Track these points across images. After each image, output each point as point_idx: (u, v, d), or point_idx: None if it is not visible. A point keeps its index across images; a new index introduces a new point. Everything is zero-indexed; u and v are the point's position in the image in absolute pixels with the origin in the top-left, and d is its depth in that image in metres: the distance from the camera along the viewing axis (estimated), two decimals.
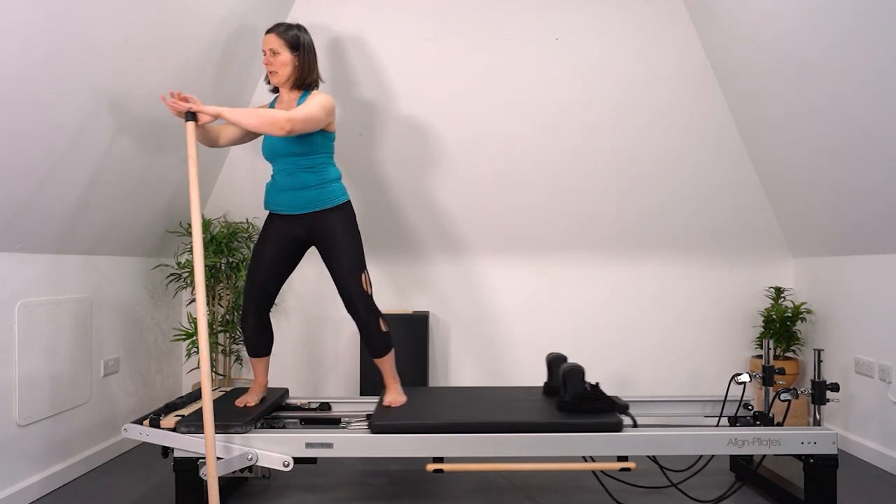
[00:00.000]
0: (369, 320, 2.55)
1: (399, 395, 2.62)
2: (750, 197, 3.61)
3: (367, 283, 2.56)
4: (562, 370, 2.49)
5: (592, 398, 2.43)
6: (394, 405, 2.55)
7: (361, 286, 2.54)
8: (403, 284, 3.76)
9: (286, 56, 2.52)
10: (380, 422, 2.31)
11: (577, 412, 2.41)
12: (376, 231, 3.68)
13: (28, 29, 1.94)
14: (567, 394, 2.45)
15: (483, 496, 2.59)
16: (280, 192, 2.55)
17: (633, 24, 3.42)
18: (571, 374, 2.45)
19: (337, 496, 2.60)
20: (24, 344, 2.47)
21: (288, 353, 3.77)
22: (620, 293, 3.75)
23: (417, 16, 3.38)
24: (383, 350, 2.61)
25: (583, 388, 2.44)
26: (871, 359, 3.01)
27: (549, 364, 2.77)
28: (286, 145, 2.51)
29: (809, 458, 2.29)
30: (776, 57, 2.90)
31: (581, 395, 2.43)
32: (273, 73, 2.54)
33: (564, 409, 2.44)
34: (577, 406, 2.42)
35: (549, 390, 2.74)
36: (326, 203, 2.53)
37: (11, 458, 2.41)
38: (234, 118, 2.32)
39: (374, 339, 2.58)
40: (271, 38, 2.52)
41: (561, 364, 2.71)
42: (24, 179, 2.26)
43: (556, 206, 3.63)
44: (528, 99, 3.46)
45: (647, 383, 3.73)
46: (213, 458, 2.13)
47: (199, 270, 2.22)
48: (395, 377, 2.66)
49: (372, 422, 2.31)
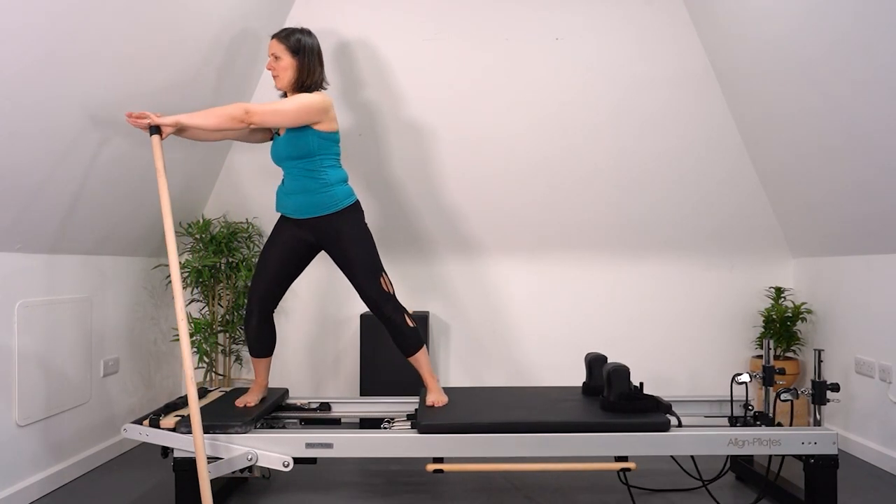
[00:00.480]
0: (396, 318, 2.55)
1: (441, 394, 2.60)
2: (750, 197, 3.61)
3: (387, 284, 2.56)
4: (606, 370, 2.47)
5: (638, 398, 2.42)
6: (437, 405, 2.54)
7: (382, 289, 2.54)
8: (403, 284, 3.76)
9: (287, 60, 2.53)
10: (427, 422, 2.29)
11: (622, 412, 2.40)
12: (380, 231, 3.68)
13: (28, 29, 1.94)
14: (612, 393, 2.44)
15: (483, 496, 2.59)
16: (286, 196, 2.55)
17: (633, 24, 3.42)
18: (616, 373, 2.44)
19: (337, 496, 2.60)
20: (24, 344, 2.47)
21: (288, 353, 3.77)
22: (620, 293, 3.75)
23: (417, 16, 3.38)
24: (415, 347, 2.60)
25: (628, 388, 2.44)
26: (872, 359, 3.00)
27: (590, 364, 2.75)
28: (286, 149, 2.51)
29: (810, 458, 2.29)
30: (776, 57, 2.90)
31: (626, 395, 2.43)
32: (276, 77, 2.55)
33: (609, 409, 2.43)
34: (622, 406, 2.42)
35: (588, 390, 2.73)
36: (330, 207, 2.51)
37: (11, 459, 2.41)
38: (193, 123, 2.31)
39: (405, 336, 2.57)
40: (273, 43, 2.54)
41: (602, 364, 2.70)
42: (24, 179, 2.26)
43: (555, 205, 3.63)
44: (528, 99, 3.46)
45: (648, 383, 3.73)
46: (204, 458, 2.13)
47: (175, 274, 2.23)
48: (433, 375, 2.64)
49: (419, 422, 2.30)
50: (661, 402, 2.44)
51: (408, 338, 2.57)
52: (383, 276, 2.55)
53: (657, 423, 2.29)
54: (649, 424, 2.29)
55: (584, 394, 2.73)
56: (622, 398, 2.42)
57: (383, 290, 2.54)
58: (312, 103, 2.45)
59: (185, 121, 2.31)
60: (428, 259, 3.75)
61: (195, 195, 3.51)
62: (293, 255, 2.58)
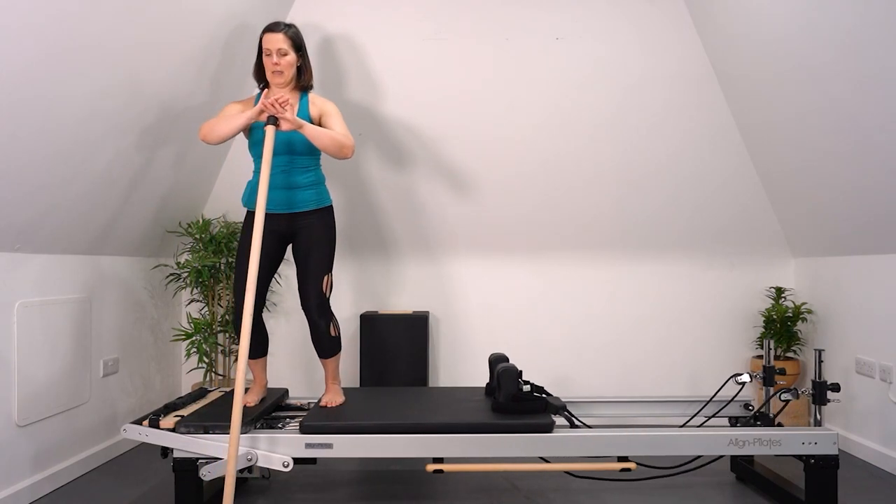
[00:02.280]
0: (320, 322, 2.58)
1: (337, 395, 2.64)
2: (750, 197, 3.61)
3: (327, 284, 2.59)
4: (497, 371, 2.49)
5: (525, 399, 2.43)
6: (330, 405, 2.57)
7: (321, 286, 2.57)
8: (403, 284, 3.75)
9: (293, 56, 2.54)
10: (311, 422, 2.31)
11: (510, 413, 2.41)
12: (377, 231, 3.68)
13: (27, 29, 1.94)
14: (501, 394, 2.45)
15: (483, 496, 2.59)
16: (272, 190, 2.54)
17: (633, 25, 3.42)
18: (506, 374, 2.45)
19: (337, 496, 2.60)
20: (24, 344, 2.46)
21: (288, 354, 3.76)
22: (621, 293, 3.74)
23: (417, 15, 3.38)
24: (330, 352, 2.65)
25: (517, 389, 2.44)
26: (872, 359, 3.00)
27: (491, 364, 2.77)
28: (287, 143, 2.51)
29: (810, 458, 2.29)
30: (777, 57, 2.90)
31: (514, 396, 2.43)
32: (279, 73, 2.53)
33: (498, 410, 2.44)
34: (510, 407, 2.43)
35: (490, 390, 2.75)
36: (314, 204, 2.57)
37: (11, 459, 2.41)
38: (309, 134, 2.41)
39: (323, 341, 2.62)
40: (280, 38, 2.50)
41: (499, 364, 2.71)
42: (23, 179, 2.25)
43: (556, 206, 3.63)
44: (528, 99, 3.46)
45: (648, 383, 3.73)
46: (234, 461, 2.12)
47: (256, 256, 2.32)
48: (336, 378, 2.69)
49: (304, 422, 2.32)
50: (551, 402, 2.43)
51: (324, 343, 2.62)
52: (328, 276, 2.60)
53: (540, 425, 2.29)
54: (532, 426, 2.29)
55: (486, 394, 2.75)
56: (510, 399, 2.43)
57: (321, 289, 2.58)
58: None
59: (306, 128, 2.41)
60: (428, 259, 3.75)
61: (195, 195, 3.50)
62: (272, 251, 2.60)
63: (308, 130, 2.40)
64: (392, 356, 3.42)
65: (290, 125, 2.36)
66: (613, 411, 2.81)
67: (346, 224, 3.67)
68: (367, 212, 3.64)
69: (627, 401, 2.80)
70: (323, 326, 2.59)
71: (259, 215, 2.29)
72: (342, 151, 2.47)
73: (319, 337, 2.60)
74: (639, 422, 3.51)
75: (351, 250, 3.73)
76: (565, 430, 2.31)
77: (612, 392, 3.72)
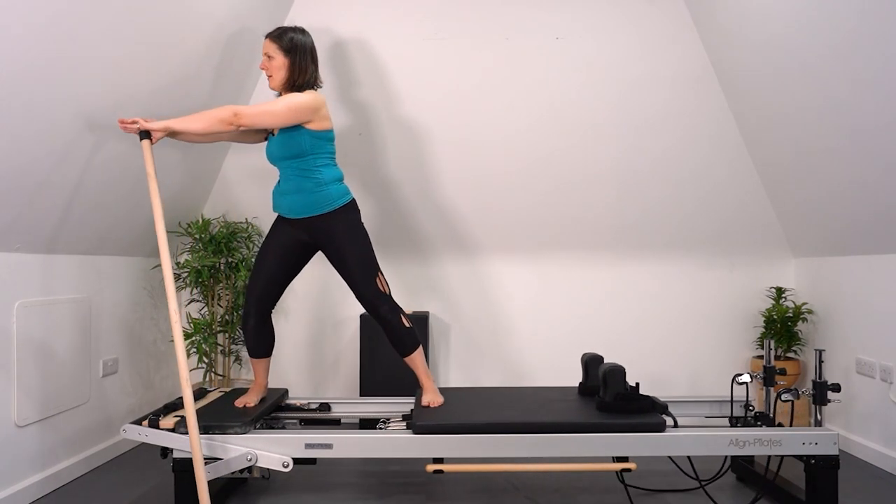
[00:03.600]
0: (392, 318, 2.54)
1: (437, 395, 2.60)
2: (751, 196, 3.60)
3: (383, 284, 2.55)
4: (602, 370, 2.46)
5: (633, 398, 2.42)
6: (433, 405, 2.53)
7: (378, 289, 2.53)
8: (404, 284, 3.75)
9: (280, 60, 2.52)
10: (422, 422, 2.29)
11: (618, 412, 2.40)
12: (377, 231, 3.67)
13: (27, 30, 1.94)
14: (608, 394, 2.43)
15: (483, 497, 2.59)
16: (281, 196, 2.55)
17: (633, 24, 3.41)
18: (612, 374, 2.43)
19: (337, 496, 2.59)
20: (23, 344, 2.46)
21: (288, 354, 3.76)
22: (621, 293, 3.74)
23: (417, 15, 3.37)
24: (412, 347, 2.59)
25: (624, 388, 2.43)
26: (873, 359, 3.00)
27: (586, 364, 2.74)
28: (279, 149, 2.51)
29: (811, 458, 2.28)
30: (777, 56, 2.89)
31: (622, 395, 2.42)
32: (270, 77, 2.55)
33: (605, 410, 2.42)
34: (618, 406, 2.41)
35: (584, 390, 2.73)
36: (324, 207, 2.50)
37: (10, 459, 2.41)
38: (182, 127, 2.32)
39: (401, 336, 2.56)
40: (267, 43, 2.53)
41: (598, 364, 2.70)
42: (23, 180, 2.25)
43: (556, 205, 3.63)
44: (528, 98, 3.45)
45: (648, 384, 3.72)
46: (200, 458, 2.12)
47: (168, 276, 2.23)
48: (429, 376, 2.64)
49: (414, 422, 2.30)
50: (657, 402, 2.43)
51: (404, 338, 2.57)
52: (379, 276, 2.55)
53: (653, 424, 2.28)
54: (645, 425, 2.28)
55: (581, 394, 2.72)
56: (618, 398, 2.42)
57: (379, 291, 2.53)
58: (302, 103, 2.43)
59: (174, 125, 2.32)
60: (428, 259, 3.75)
61: (194, 195, 3.50)
62: (290, 255, 2.58)
63: (177, 125, 2.32)
64: (392, 357, 3.42)
65: (160, 131, 2.31)
66: None
67: None
68: (366, 212, 3.64)
69: None
70: (395, 321, 2.54)
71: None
72: (221, 124, 2.33)
73: (396, 333, 2.55)
74: None
75: None
76: (675, 430, 2.31)
77: None
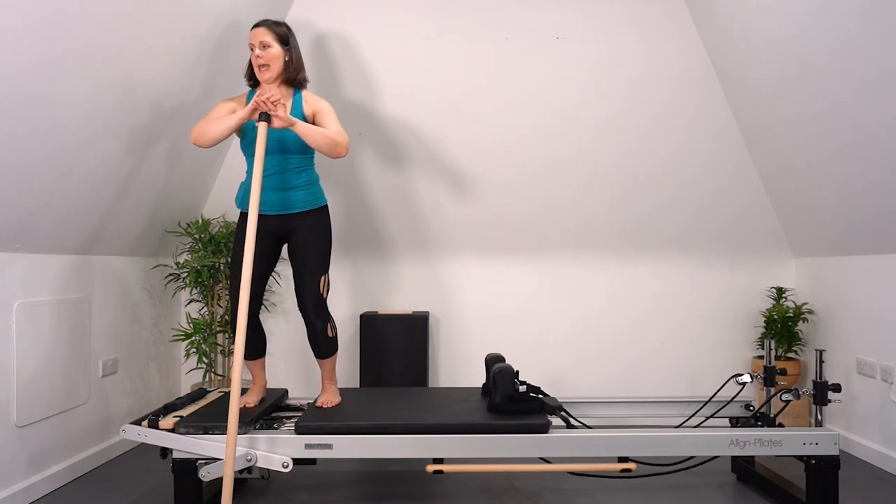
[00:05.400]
0: (317, 323, 2.57)
1: (334, 395, 2.63)
2: (751, 197, 3.60)
3: (324, 285, 2.58)
4: (493, 371, 2.48)
5: (521, 399, 2.42)
6: (326, 405, 2.56)
7: (318, 287, 2.56)
8: (403, 285, 3.75)
9: (277, 49, 2.50)
10: (307, 422, 2.30)
11: (506, 413, 2.40)
12: (377, 231, 3.67)
13: (26, 29, 1.93)
14: (497, 395, 2.44)
15: (483, 497, 2.58)
16: (265, 192, 2.51)
17: (634, 24, 3.41)
18: (501, 374, 2.44)
19: (336, 497, 2.59)
20: (22, 344, 2.46)
21: (287, 354, 3.76)
22: (621, 293, 3.74)
23: (417, 15, 3.37)
24: (327, 352, 2.64)
25: (512, 389, 2.42)
26: (873, 359, 2.99)
27: (487, 364, 2.76)
28: (279, 143, 2.49)
29: (811, 459, 2.28)
30: (778, 57, 2.89)
31: (510, 397, 2.42)
32: (264, 66, 2.50)
33: (494, 411, 2.43)
34: (506, 407, 2.42)
35: (486, 391, 2.75)
36: (311, 204, 2.56)
37: (9, 460, 2.40)
38: (302, 132, 2.39)
39: (320, 341, 2.61)
40: (261, 31, 2.50)
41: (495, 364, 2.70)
42: (21, 179, 2.25)
43: (556, 206, 3.62)
44: (528, 99, 3.45)
45: (649, 384, 3.72)
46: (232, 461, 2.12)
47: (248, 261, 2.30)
48: (332, 378, 2.69)
49: (299, 422, 2.31)
50: (547, 403, 2.41)
51: (322, 343, 2.61)
52: (324, 277, 2.58)
53: (536, 425, 2.28)
54: (528, 426, 2.28)
55: (483, 395, 2.74)
56: (506, 399, 2.42)
57: (318, 290, 2.56)
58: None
59: (298, 125, 2.38)
60: (428, 259, 3.74)
61: (194, 195, 3.50)
62: (269, 252, 2.59)
63: (300, 128, 2.38)
64: (392, 356, 3.41)
65: (283, 122, 2.33)
66: (613, 412, 2.81)
67: (346, 224, 3.66)
68: (366, 212, 3.64)
69: (627, 401, 2.80)
70: (320, 327, 2.58)
71: (252, 215, 2.27)
72: (336, 150, 2.44)
73: (316, 337, 2.60)
74: (639, 422, 3.51)
75: (351, 251, 3.72)
76: (561, 431, 2.30)
77: (612, 392, 3.71)
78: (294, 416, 2.71)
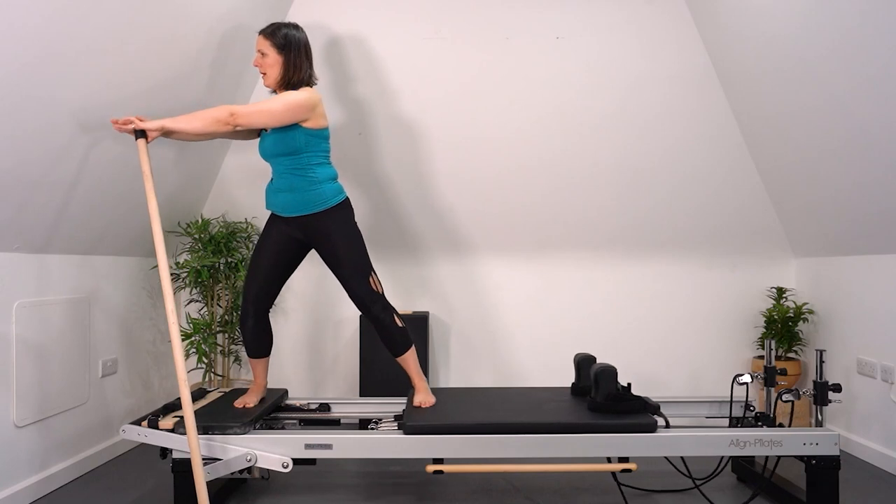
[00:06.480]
0: (384, 318, 2.54)
1: (429, 395, 2.59)
2: (751, 196, 3.60)
3: (376, 283, 2.54)
4: (593, 370, 2.46)
5: (625, 398, 2.41)
6: (424, 405, 2.53)
7: (371, 288, 2.52)
8: (403, 285, 3.75)
9: (274, 57, 2.50)
10: (413, 423, 2.28)
11: (609, 412, 2.39)
12: (376, 230, 3.67)
13: (25, 30, 1.93)
14: (599, 394, 2.43)
15: (483, 497, 2.58)
16: (275, 194, 2.53)
17: (634, 23, 3.41)
18: (604, 374, 2.43)
19: (336, 497, 2.59)
20: (22, 344, 2.46)
21: (287, 354, 3.76)
22: (621, 293, 3.73)
23: (417, 14, 3.37)
24: (404, 347, 2.59)
25: (615, 389, 2.42)
26: (874, 359, 2.99)
27: (578, 365, 2.74)
28: (272, 146, 2.49)
29: (811, 459, 2.28)
30: (778, 56, 2.89)
31: (613, 396, 2.41)
32: (264, 74, 2.53)
33: (596, 410, 2.42)
34: (609, 406, 2.41)
35: (577, 391, 2.72)
36: (318, 206, 2.49)
37: (9, 460, 2.40)
38: (177, 126, 2.29)
39: (393, 336, 2.56)
40: (260, 40, 2.52)
41: (590, 365, 2.69)
42: (20, 179, 2.25)
43: (556, 205, 3.62)
44: (528, 98, 3.45)
45: (649, 384, 3.72)
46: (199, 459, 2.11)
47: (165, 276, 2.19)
48: (421, 376, 2.63)
49: (404, 423, 2.29)
50: (648, 402, 2.42)
51: (396, 338, 2.56)
52: (372, 276, 2.54)
53: (644, 424, 2.28)
54: (636, 425, 2.28)
55: (573, 395, 2.72)
56: (609, 399, 2.41)
57: (372, 290, 2.52)
58: (299, 101, 2.41)
59: (169, 125, 2.29)
60: (428, 259, 3.74)
61: (194, 195, 3.50)
62: (284, 253, 2.57)
63: (172, 125, 2.29)
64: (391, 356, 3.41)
65: (156, 131, 2.27)
66: None
67: None
68: (366, 212, 3.63)
69: None
70: (388, 320, 2.53)
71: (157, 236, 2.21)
72: (218, 124, 2.31)
73: (388, 333, 2.55)
74: None
75: None
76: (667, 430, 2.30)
77: None
78: (294, 417, 2.71)
